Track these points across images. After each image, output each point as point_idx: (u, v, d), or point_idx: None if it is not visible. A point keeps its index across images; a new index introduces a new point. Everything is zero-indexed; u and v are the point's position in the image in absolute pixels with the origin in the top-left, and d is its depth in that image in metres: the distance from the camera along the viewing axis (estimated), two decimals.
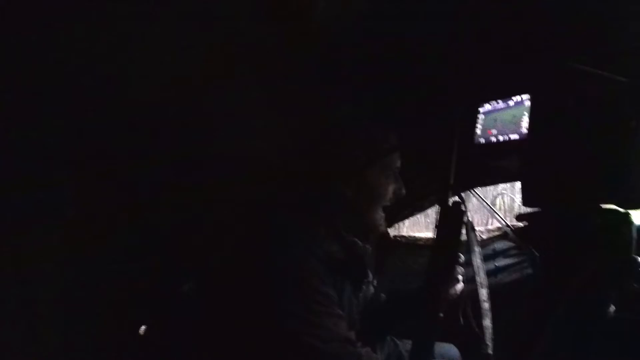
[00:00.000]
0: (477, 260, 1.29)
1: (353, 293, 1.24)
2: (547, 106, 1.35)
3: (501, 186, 6.78)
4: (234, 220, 1.30)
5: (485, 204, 2.84)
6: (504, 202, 7.03)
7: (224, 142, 1.37)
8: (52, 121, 1.09)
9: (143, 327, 1.34)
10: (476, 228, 2.67)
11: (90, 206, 1.22)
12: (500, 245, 2.52)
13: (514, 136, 1.42)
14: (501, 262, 2.47)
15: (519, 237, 2.45)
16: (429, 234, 2.88)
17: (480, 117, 1.55)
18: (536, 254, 2.27)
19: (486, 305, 1.26)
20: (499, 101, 1.49)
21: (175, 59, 1.16)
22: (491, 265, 2.45)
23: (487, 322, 1.25)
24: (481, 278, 1.27)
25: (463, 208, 1.26)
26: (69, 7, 0.95)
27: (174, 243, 1.36)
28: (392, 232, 2.81)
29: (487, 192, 6.51)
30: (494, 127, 1.49)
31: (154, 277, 1.36)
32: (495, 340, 1.25)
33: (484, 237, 2.58)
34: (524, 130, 1.39)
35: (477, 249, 1.30)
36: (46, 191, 1.11)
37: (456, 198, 1.27)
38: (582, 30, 1.25)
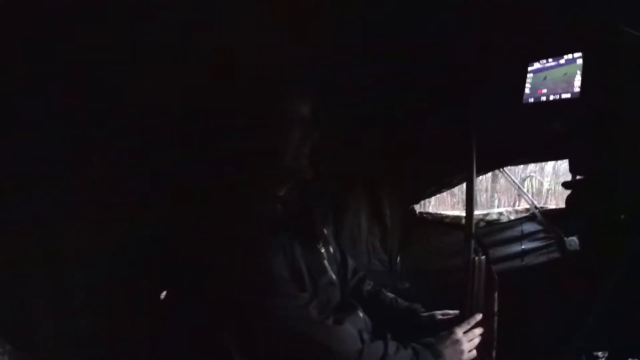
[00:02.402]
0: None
1: (305, 251, 1.20)
2: (599, 66, 1.29)
3: (530, 168, 6.70)
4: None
5: (514, 183, 2.81)
6: (532, 184, 6.95)
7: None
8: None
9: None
10: (504, 209, 2.65)
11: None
12: (527, 227, 2.47)
13: (566, 95, 1.35)
14: (528, 244, 2.42)
15: (547, 220, 2.42)
16: (455, 212, 2.84)
17: (529, 75, 1.48)
18: (564, 237, 2.26)
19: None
20: (549, 59, 1.42)
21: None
22: (518, 247, 2.43)
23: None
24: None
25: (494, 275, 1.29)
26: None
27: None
28: (417, 208, 2.77)
29: (516, 174, 6.44)
30: (543, 86, 1.42)
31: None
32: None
33: (512, 217, 2.54)
34: (577, 89, 1.32)
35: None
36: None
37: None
38: None
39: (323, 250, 1.30)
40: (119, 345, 1.25)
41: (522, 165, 6.50)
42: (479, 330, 1.25)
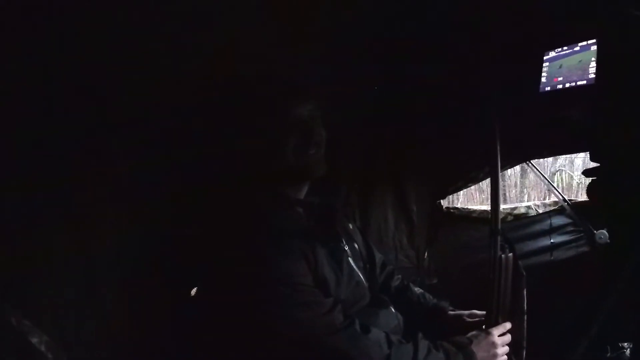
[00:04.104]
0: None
1: (329, 253, 1.18)
2: (614, 52, 1.29)
3: (559, 162, 6.58)
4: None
5: (543, 177, 2.78)
6: (562, 179, 6.82)
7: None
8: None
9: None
10: (532, 202, 2.63)
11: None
12: (556, 220, 2.45)
13: (581, 82, 1.36)
14: (557, 238, 2.41)
15: (576, 213, 2.41)
16: (483, 207, 2.82)
17: (545, 64, 1.49)
18: (594, 231, 2.24)
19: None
20: (564, 47, 1.43)
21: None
22: (547, 241, 2.41)
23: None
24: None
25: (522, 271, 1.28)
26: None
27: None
28: (444, 204, 2.77)
29: (546, 168, 6.34)
30: (559, 74, 1.43)
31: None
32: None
33: (540, 211, 2.52)
34: (592, 75, 1.32)
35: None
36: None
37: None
38: None
39: (347, 248, 1.27)
40: (148, 345, 1.29)
41: (551, 160, 6.40)
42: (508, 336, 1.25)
